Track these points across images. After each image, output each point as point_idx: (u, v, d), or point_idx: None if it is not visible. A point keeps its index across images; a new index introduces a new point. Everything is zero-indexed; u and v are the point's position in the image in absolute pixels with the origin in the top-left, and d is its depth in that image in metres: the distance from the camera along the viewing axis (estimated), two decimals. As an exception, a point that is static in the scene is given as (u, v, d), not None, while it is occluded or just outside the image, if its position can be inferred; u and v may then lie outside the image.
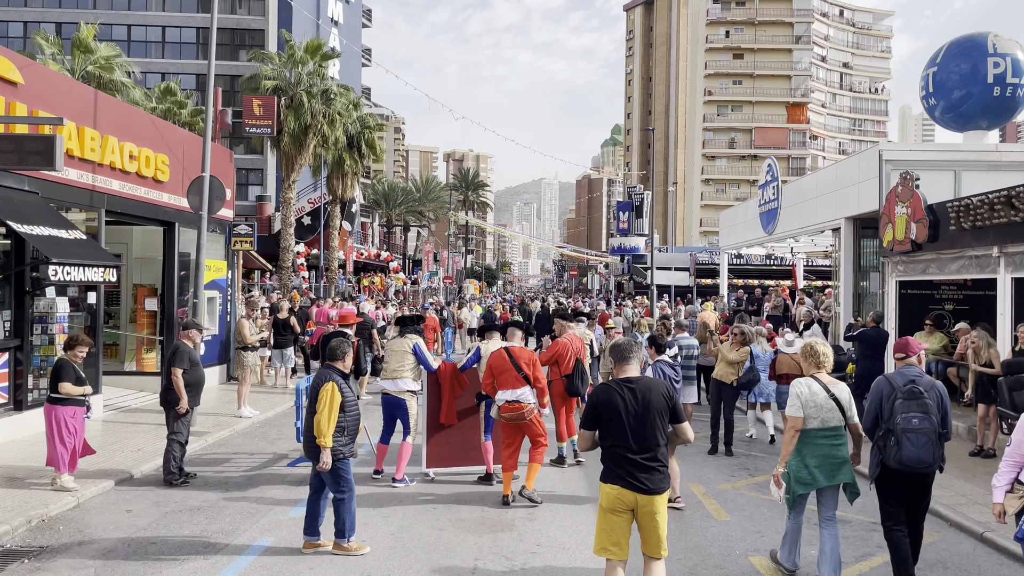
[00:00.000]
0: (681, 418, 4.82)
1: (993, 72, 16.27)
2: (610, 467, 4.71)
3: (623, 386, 4.75)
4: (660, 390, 4.75)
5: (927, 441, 5.21)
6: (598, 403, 4.74)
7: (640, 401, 4.68)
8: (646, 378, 4.83)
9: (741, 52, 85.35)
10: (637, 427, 4.64)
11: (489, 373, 7.99)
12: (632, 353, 4.90)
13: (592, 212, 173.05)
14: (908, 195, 12.87)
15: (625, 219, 46.16)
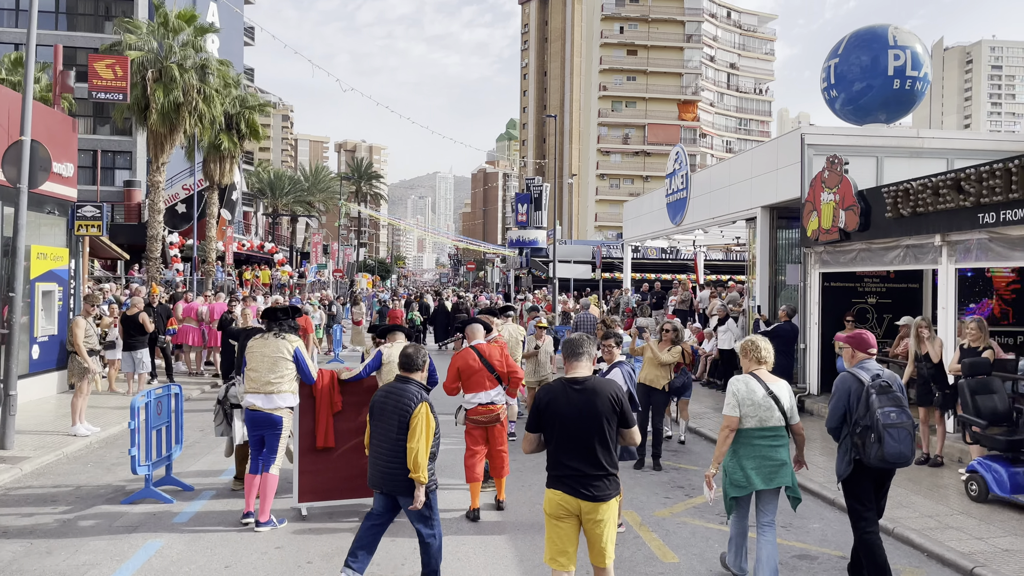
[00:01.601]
0: (630, 423, 4.50)
1: (893, 64, 15.95)
2: (553, 472, 4.45)
3: (569, 387, 4.45)
4: (608, 392, 4.41)
5: (907, 435, 5.11)
6: (542, 405, 4.48)
7: (586, 404, 4.37)
8: (594, 379, 4.50)
9: (635, 48, 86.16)
10: (581, 431, 4.36)
11: (456, 376, 7.30)
12: (584, 350, 4.57)
13: (488, 206, 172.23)
14: (836, 181, 12.02)
15: (524, 211, 44.98)
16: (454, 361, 7.40)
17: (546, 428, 4.46)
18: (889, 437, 5.04)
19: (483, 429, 7.34)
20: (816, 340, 13.16)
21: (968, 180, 8.99)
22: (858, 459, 5.21)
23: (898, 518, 7.13)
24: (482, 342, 7.58)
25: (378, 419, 5.15)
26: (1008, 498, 7.22)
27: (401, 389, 5.14)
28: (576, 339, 4.59)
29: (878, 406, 5.10)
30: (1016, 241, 8.57)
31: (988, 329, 8.49)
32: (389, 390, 5.20)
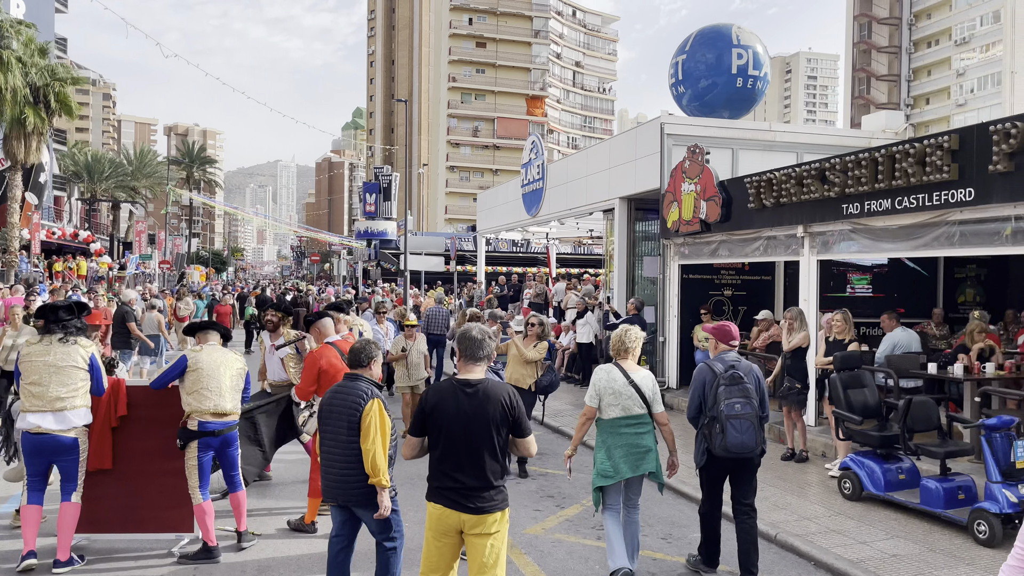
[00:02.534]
0: (525, 431, 4.07)
1: (737, 63, 16.31)
2: (434, 483, 4.02)
3: (460, 389, 4.00)
4: (501, 397, 3.99)
5: (750, 426, 5.24)
6: (428, 406, 4.01)
7: (477, 409, 3.94)
8: (488, 381, 4.04)
9: (484, 41, 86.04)
10: (468, 438, 3.93)
11: (313, 379, 6.27)
12: (485, 353, 4.10)
13: (334, 196, 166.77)
14: (697, 171, 11.80)
15: (372, 201, 43.30)
16: (311, 361, 6.39)
17: (431, 433, 4.00)
18: (732, 428, 5.19)
19: None
20: (675, 333, 12.98)
21: (833, 170, 8.87)
22: (708, 448, 5.38)
23: (778, 523, 6.76)
24: (338, 338, 6.74)
25: (327, 423, 4.63)
26: (882, 496, 7.04)
27: (349, 387, 4.63)
28: (476, 337, 4.07)
29: (725, 397, 5.24)
30: (879, 232, 8.53)
31: (853, 321, 8.38)
32: (337, 390, 4.68)
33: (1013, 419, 6.25)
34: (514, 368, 8.79)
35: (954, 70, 74.43)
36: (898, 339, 9.72)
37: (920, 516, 6.75)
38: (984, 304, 13.96)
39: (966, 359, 8.64)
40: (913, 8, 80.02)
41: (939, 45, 77.61)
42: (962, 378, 8.37)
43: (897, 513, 6.91)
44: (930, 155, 7.56)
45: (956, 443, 6.98)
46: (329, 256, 67.97)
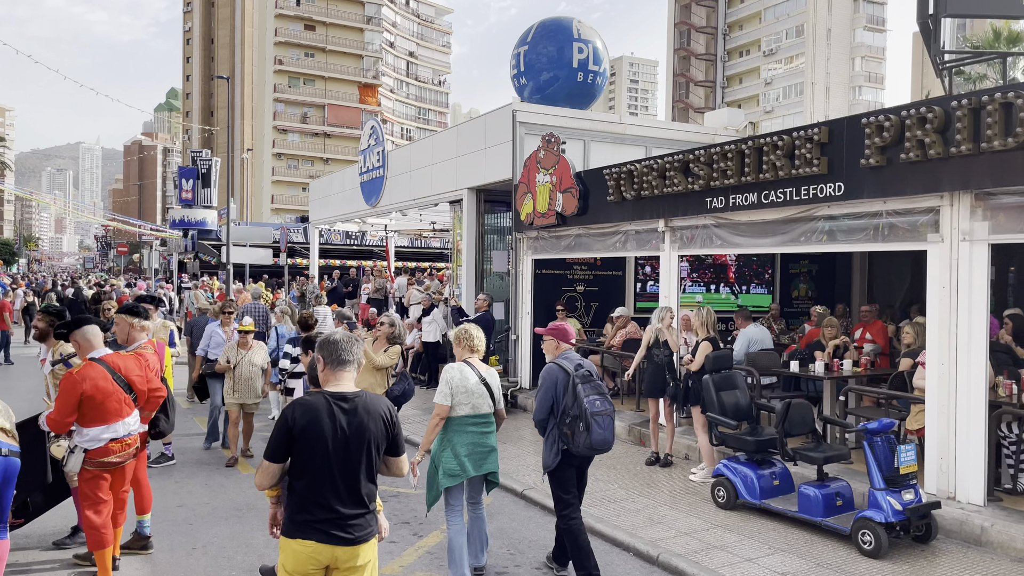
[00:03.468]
0: (401, 448, 3.69)
1: (578, 57, 16.19)
2: (303, 517, 3.40)
3: (335, 404, 3.46)
4: (381, 411, 3.57)
5: (610, 422, 5.28)
6: (296, 426, 3.39)
7: (357, 427, 3.45)
8: (366, 394, 3.58)
9: (313, 24, 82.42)
10: (348, 462, 3.43)
11: (72, 408, 5.04)
12: (353, 357, 3.61)
13: (145, 182, 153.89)
14: (553, 161, 11.22)
15: (189, 188, 39.68)
16: (72, 384, 5.06)
17: (299, 457, 3.42)
18: (596, 425, 5.16)
19: (112, 472, 5.41)
20: (528, 331, 12.38)
21: (698, 162, 8.54)
22: (566, 449, 5.26)
23: (657, 540, 6.23)
24: (107, 352, 5.40)
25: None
26: (758, 504, 6.71)
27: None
28: (339, 340, 3.60)
29: (584, 395, 5.19)
30: (745, 227, 8.29)
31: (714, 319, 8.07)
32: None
33: (893, 422, 6.08)
34: (362, 376, 7.73)
35: (763, 79, 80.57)
36: (752, 335, 9.65)
37: (799, 525, 6.47)
38: (816, 299, 14.56)
39: (825, 356, 8.62)
40: (727, 19, 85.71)
41: (750, 55, 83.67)
42: (823, 376, 8.32)
43: (775, 523, 6.59)
44: (799, 148, 7.34)
45: (834, 447, 6.78)
46: (139, 247, 62.28)
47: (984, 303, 6.10)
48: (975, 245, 6.15)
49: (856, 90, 79.04)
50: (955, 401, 6.26)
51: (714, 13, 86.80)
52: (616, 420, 9.85)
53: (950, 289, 6.29)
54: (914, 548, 5.92)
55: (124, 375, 5.29)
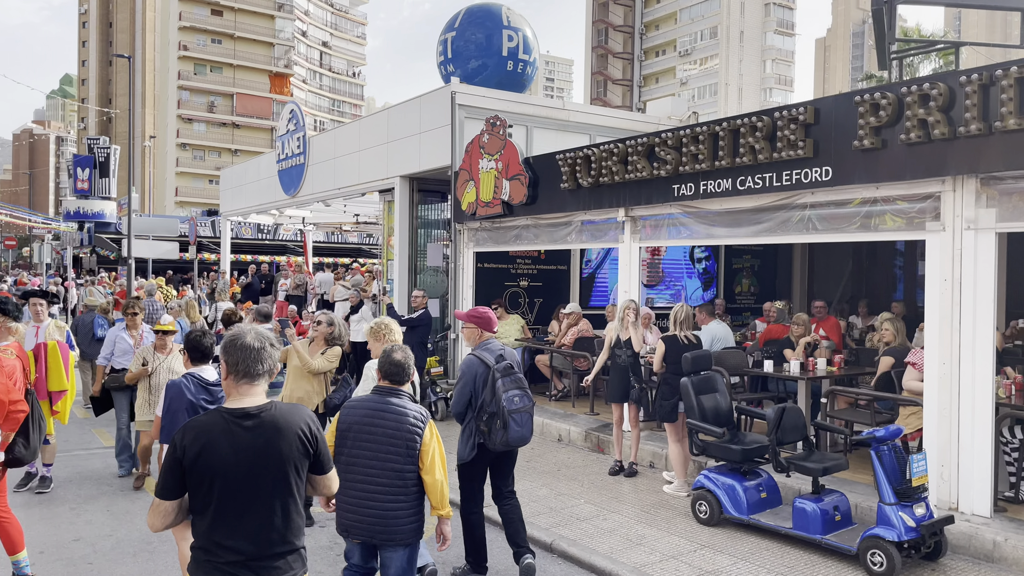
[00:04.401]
0: (327, 465, 3.02)
1: (508, 45, 15.58)
2: (208, 558, 2.78)
3: (234, 423, 2.80)
4: (297, 426, 2.87)
5: (528, 418, 5.18)
6: (188, 455, 2.74)
7: (263, 448, 2.79)
8: (274, 407, 2.87)
9: (220, 9, 78.76)
10: (256, 491, 2.78)
11: None
12: (264, 365, 2.88)
13: (36, 171, 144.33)
14: (498, 146, 10.38)
15: (85, 178, 36.82)
16: None
17: (196, 490, 2.80)
18: (514, 423, 5.04)
19: None
20: (470, 330, 11.48)
21: (664, 146, 7.87)
22: (482, 443, 5.18)
23: (643, 566, 5.50)
24: None
25: (361, 448, 3.92)
26: (746, 520, 6.07)
27: (395, 407, 3.97)
28: (251, 344, 2.90)
29: (503, 390, 5.07)
30: (716, 216, 7.67)
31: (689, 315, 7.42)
32: (375, 408, 3.97)
33: (900, 429, 5.54)
34: (296, 383, 6.72)
35: (678, 79, 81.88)
36: (715, 332, 9.10)
37: (794, 543, 5.85)
38: (758, 294, 14.25)
39: (797, 355, 8.11)
40: (644, 19, 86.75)
41: (666, 55, 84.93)
42: (799, 376, 7.80)
43: (767, 541, 5.97)
44: (781, 129, 6.76)
45: (830, 456, 6.21)
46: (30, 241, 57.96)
47: (991, 297, 5.64)
48: (981, 234, 5.67)
49: (767, 92, 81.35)
50: (957, 405, 5.77)
51: (631, 12, 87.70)
52: (571, 425, 9.18)
53: (952, 282, 5.80)
54: (924, 567, 5.39)
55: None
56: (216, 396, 4.83)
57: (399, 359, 4.09)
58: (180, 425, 5.24)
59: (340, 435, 3.93)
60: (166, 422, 4.70)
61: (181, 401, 4.67)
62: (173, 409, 4.67)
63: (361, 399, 4.10)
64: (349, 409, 4.01)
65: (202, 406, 4.71)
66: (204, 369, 4.91)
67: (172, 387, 4.76)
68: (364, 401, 4.04)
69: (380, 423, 3.91)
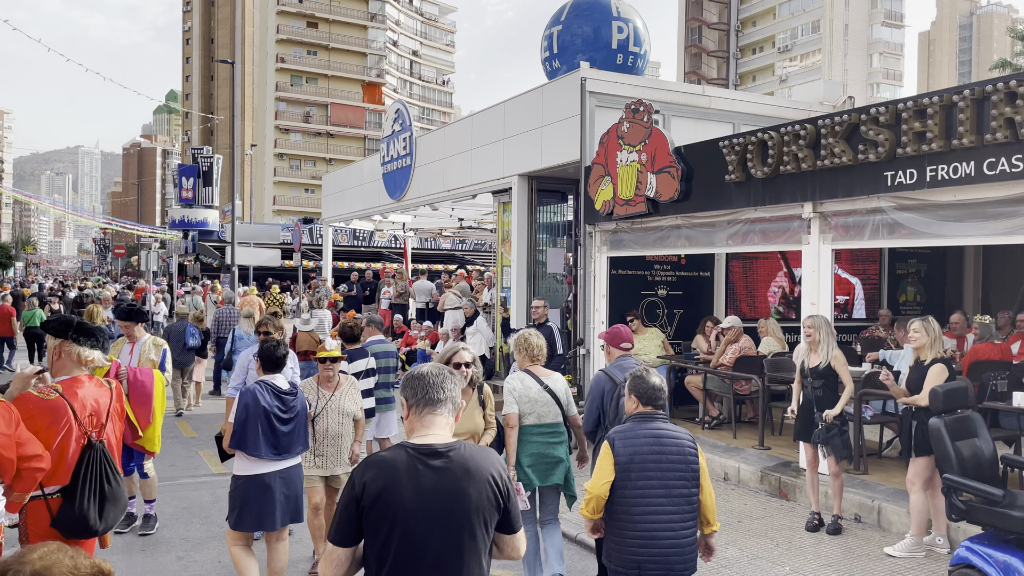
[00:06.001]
0: (516, 524, 2.64)
1: (617, 38, 14.44)
2: None
3: (420, 459, 2.49)
4: (488, 471, 2.54)
5: None
6: (368, 495, 2.44)
7: (451, 491, 2.46)
8: (464, 447, 2.55)
9: (316, 21, 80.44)
10: (443, 541, 2.44)
11: None
12: (447, 394, 2.63)
13: (144, 181, 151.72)
14: (642, 135, 9.05)
15: (190, 187, 37.45)
16: None
17: (374, 536, 2.43)
18: None
19: None
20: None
21: (873, 124, 6.36)
22: None
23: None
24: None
25: (646, 478, 3.65)
26: (1034, 611, 4.52)
27: (668, 431, 3.75)
28: (429, 373, 2.62)
29: None
30: (946, 210, 6.11)
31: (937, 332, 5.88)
32: (655, 435, 3.71)
33: None
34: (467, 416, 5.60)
35: (777, 76, 78.38)
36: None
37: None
38: (924, 304, 12.42)
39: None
40: (740, 15, 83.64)
41: (763, 52, 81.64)
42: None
43: (1075, 644, 4.41)
44: (1057, 94, 5.18)
45: None
46: (138, 249, 60.17)
47: None
48: None
49: (873, 87, 77.00)
50: None
51: (726, 9, 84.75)
52: (739, 461, 7.74)
53: None
54: None
55: None
56: (288, 405, 4.78)
57: (658, 383, 3.82)
58: (252, 433, 4.62)
59: (622, 468, 3.62)
60: (237, 428, 4.65)
61: (255, 408, 4.63)
62: (243, 418, 4.63)
63: (631, 428, 3.77)
64: (625, 439, 3.69)
65: (275, 414, 4.70)
66: (276, 378, 4.88)
67: (246, 394, 4.71)
68: (637, 429, 3.74)
69: (663, 450, 3.68)
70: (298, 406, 4.88)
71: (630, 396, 3.83)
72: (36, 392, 3.62)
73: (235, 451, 4.74)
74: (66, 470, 3.63)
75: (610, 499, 3.63)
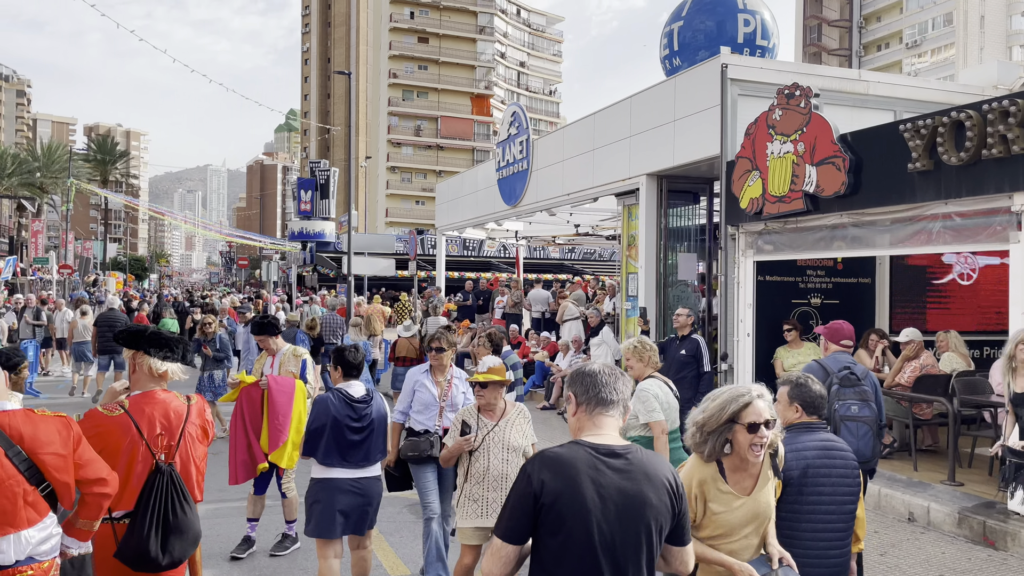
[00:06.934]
0: (688, 535, 2.54)
1: (743, 31, 13.31)
2: None
3: (600, 460, 2.37)
4: (664, 475, 2.43)
5: (868, 431, 4.66)
6: (545, 489, 2.31)
7: (632, 494, 2.35)
8: (640, 450, 2.46)
9: (427, 36, 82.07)
10: (621, 551, 2.33)
11: None
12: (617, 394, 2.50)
13: (266, 194, 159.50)
14: (798, 122, 8.02)
15: (308, 199, 38.56)
16: None
17: (547, 540, 2.33)
18: (847, 431, 4.57)
19: None
20: (750, 358, 9.12)
21: (1117, 93, 5.17)
22: None
23: None
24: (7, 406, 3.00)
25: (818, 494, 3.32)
26: None
27: (838, 443, 3.47)
28: (596, 371, 2.52)
29: (838, 398, 4.64)
30: None
31: None
32: (825, 448, 3.37)
33: None
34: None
35: (905, 73, 73.67)
36: None
37: None
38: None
39: None
40: (863, 11, 79.30)
41: (889, 48, 77.07)
42: None
43: None
44: None
45: None
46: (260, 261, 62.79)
47: None
48: None
49: (1018, 82, 71.01)
50: None
51: (848, 6, 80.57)
52: (927, 499, 6.57)
53: None
54: None
55: (27, 448, 2.86)
56: (360, 414, 4.59)
57: (821, 391, 3.51)
58: (321, 441, 4.47)
59: (795, 482, 3.28)
60: (308, 436, 4.61)
61: (325, 417, 4.53)
62: (313, 426, 4.57)
63: (798, 438, 3.38)
64: (796, 451, 3.32)
65: (346, 424, 4.54)
66: (352, 385, 4.70)
67: (319, 402, 4.61)
68: (805, 440, 3.38)
69: (832, 463, 3.36)
70: (372, 414, 4.66)
71: (791, 404, 3.49)
72: (102, 408, 3.35)
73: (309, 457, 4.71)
74: (131, 493, 3.31)
75: None
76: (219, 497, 7.26)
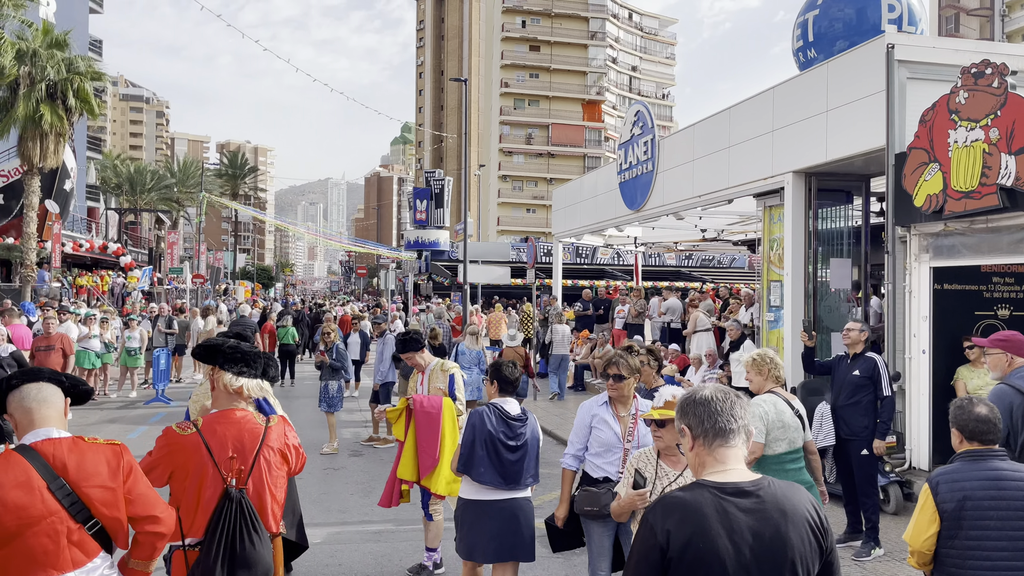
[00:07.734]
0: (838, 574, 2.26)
1: (887, 17, 12.01)
2: None
3: (729, 500, 2.11)
4: (804, 511, 2.15)
5: None
6: (672, 542, 2.07)
7: (770, 540, 2.08)
8: (772, 483, 2.18)
9: (538, 44, 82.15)
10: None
11: None
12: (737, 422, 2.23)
13: (383, 210, 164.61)
14: (990, 105, 6.86)
15: (423, 209, 38.93)
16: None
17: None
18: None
19: None
20: (926, 377, 7.95)
21: None
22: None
23: None
24: (55, 434, 2.70)
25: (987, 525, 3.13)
26: None
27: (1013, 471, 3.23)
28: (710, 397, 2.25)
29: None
30: None
31: None
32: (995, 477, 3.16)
33: None
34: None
35: (1060, 61, 67.45)
36: None
37: None
38: None
39: None
40: (1008, -4, 73.30)
41: (1039, 36, 70.68)
42: None
43: None
44: None
45: None
46: (377, 270, 64.32)
47: None
48: None
49: None
50: None
51: (990, -9, 74.70)
52: None
53: None
54: None
55: (71, 480, 2.57)
56: (515, 432, 4.41)
57: (987, 414, 3.23)
58: (477, 457, 4.31)
59: (950, 516, 3.09)
60: (463, 450, 4.39)
61: (481, 432, 4.35)
62: (469, 441, 4.36)
63: (959, 469, 3.18)
64: (952, 483, 3.13)
65: (501, 440, 4.35)
66: (508, 401, 4.54)
67: (474, 415, 4.46)
68: (967, 471, 3.16)
69: (1001, 495, 3.09)
70: (527, 434, 4.47)
71: (952, 430, 3.34)
72: (176, 427, 3.16)
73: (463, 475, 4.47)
74: (201, 520, 3.08)
75: (937, 549, 3.19)
76: (341, 519, 6.86)
